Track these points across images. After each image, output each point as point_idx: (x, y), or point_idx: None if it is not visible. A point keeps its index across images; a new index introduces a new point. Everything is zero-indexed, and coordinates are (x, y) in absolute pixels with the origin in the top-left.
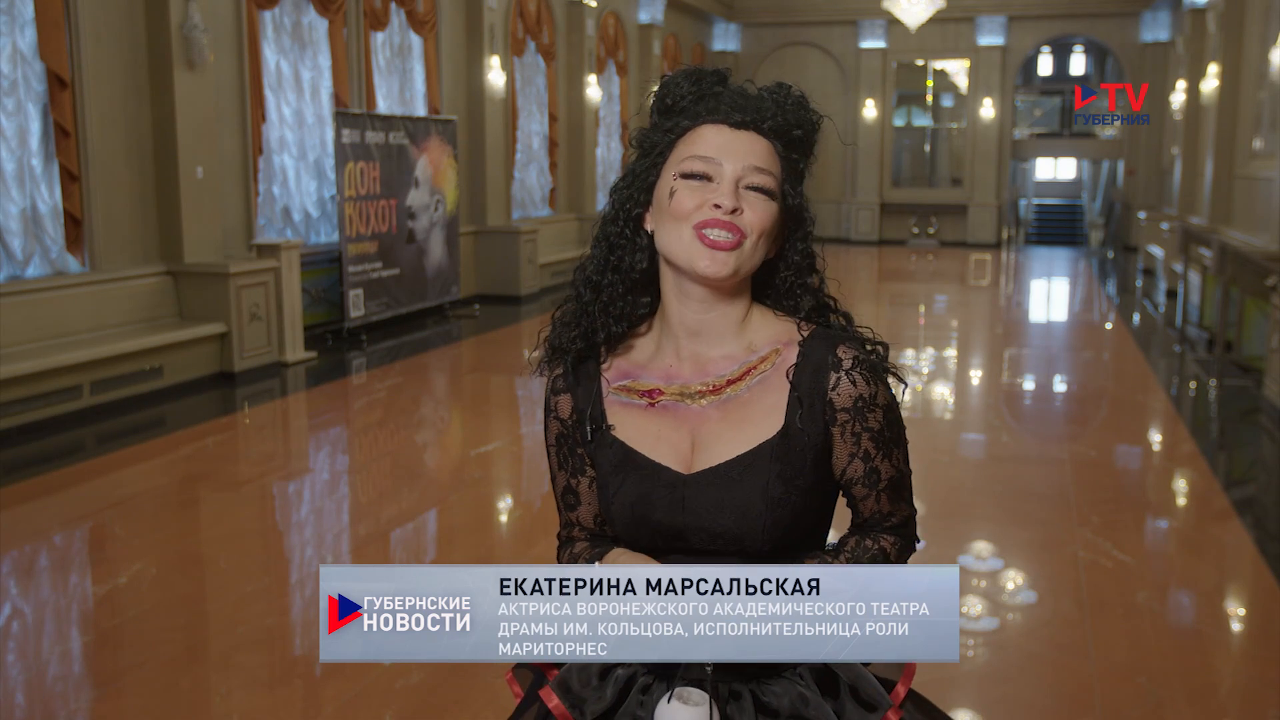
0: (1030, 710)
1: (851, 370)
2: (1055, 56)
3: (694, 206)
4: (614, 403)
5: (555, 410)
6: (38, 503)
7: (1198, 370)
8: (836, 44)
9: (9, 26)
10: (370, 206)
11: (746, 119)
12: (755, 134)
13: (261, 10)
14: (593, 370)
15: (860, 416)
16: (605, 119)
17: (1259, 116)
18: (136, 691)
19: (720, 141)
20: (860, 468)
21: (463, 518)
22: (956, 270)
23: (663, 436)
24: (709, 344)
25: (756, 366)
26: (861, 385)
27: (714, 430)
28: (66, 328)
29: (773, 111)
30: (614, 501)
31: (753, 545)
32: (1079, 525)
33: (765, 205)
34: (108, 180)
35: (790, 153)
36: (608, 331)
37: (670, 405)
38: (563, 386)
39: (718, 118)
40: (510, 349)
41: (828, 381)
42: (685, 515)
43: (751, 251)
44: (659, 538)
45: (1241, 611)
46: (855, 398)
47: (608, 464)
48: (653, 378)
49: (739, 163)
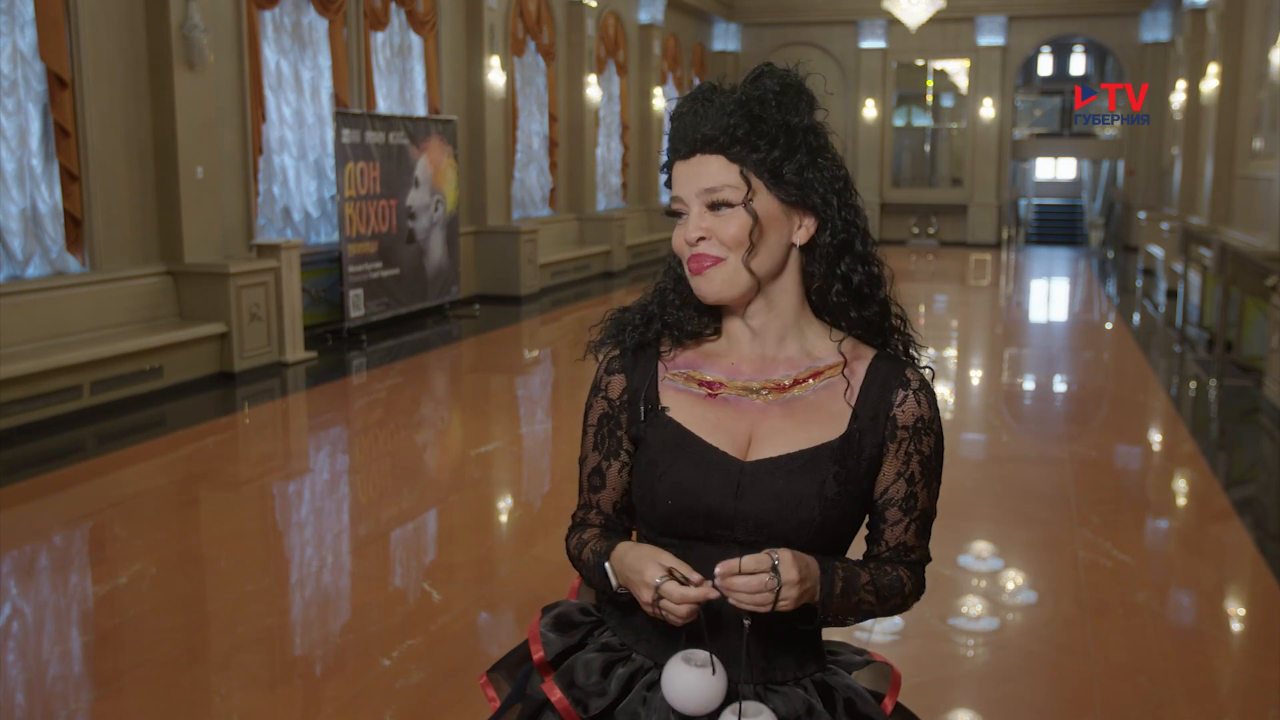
0: (1030, 710)
1: (919, 391)
2: (1055, 56)
3: (679, 243)
4: (670, 388)
5: (605, 390)
6: (38, 503)
7: (1198, 370)
8: (836, 44)
9: (9, 26)
10: (370, 206)
11: (690, 146)
12: (701, 156)
13: (261, 10)
14: (651, 355)
15: (917, 438)
16: (605, 119)
17: (1259, 116)
18: (136, 691)
19: (678, 177)
20: (903, 489)
21: (463, 518)
22: (956, 270)
23: (721, 425)
24: (771, 345)
25: (823, 372)
26: (925, 407)
27: (775, 425)
28: (66, 328)
29: (720, 124)
30: (661, 480)
31: (797, 541)
32: (1079, 525)
33: (733, 215)
34: (108, 180)
35: (749, 153)
36: (671, 337)
37: (731, 399)
38: (618, 368)
39: (675, 154)
40: (510, 349)
41: (894, 397)
42: (739, 502)
43: (738, 266)
44: (705, 522)
45: (1241, 611)
46: (917, 418)
47: (659, 443)
48: (715, 371)
49: (692, 193)
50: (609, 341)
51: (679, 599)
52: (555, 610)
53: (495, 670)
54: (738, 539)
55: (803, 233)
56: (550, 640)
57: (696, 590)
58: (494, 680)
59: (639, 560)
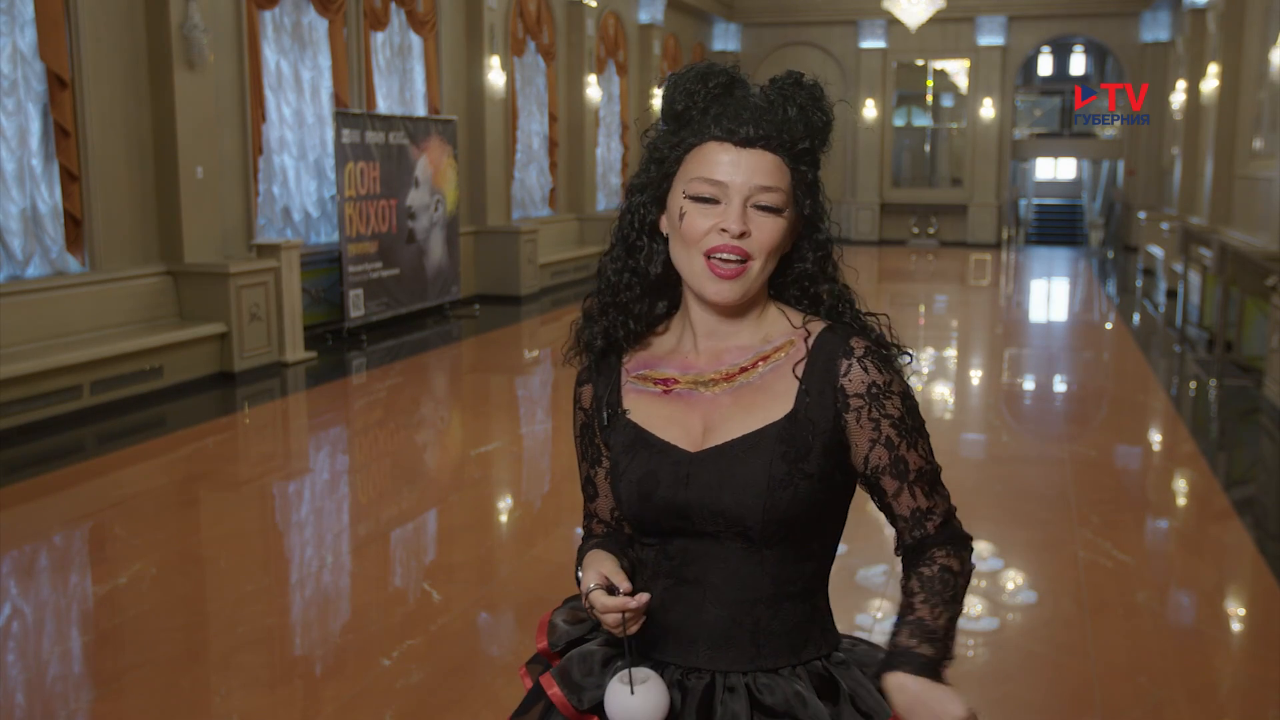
0: (1030, 710)
1: (864, 358)
2: (1055, 56)
3: (703, 231)
4: (631, 390)
5: (579, 400)
6: (38, 503)
7: (1198, 370)
8: (836, 44)
9: (9, 26)
10: (370, 206)
11: (752, 135)
12: (761, 150)
13: (261, 10)
14: (614, 361)
15: (877, 403)
16: (605, 119)
17: (1259, 116)
18: (136, 691)
19: (726, 161)
20: (884, 455)
21: (463, 518)
22: (956, 270)
23: (674, 419)
24: (725, 338)
25: (770, 356)
26: (874, 373)
27: (724, 413)
28: (66, 328)
29: (780, 123)
30: (622, 479)
31: (755, 528)
32: (1079, 525)
33: (773, 223)
34: (108, 180)
35: (799, 163)
36: (626, 329)
37: (684, 393)
38: (586, 378)
39: (722, 134)
40: (510, 349)
41: (839, 368)
42: (688, 491)
43: (760, 272)
44: (664, 515)
45: (1241, 611)
46: (869, 384)
47: (620, 445)
48: (669, 368)
49: (745, 184)
50: (578, 352)
51: (601, 608)
52: (572, 602)
53: (535, 661)
54: (699, 530)
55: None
56: (558, 629)
57: (616, 599)
58: (532, 670)
59: (585, 570)
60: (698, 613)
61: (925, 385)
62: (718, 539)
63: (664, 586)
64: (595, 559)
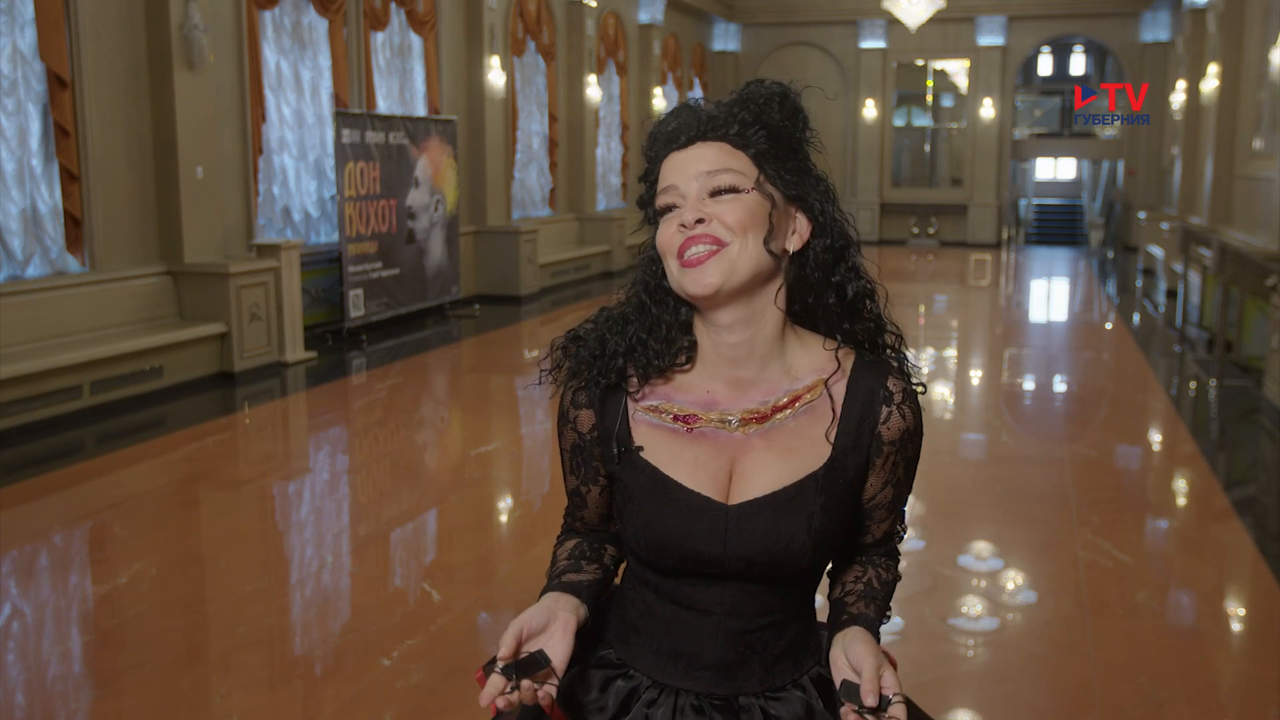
0: (1030, 710)
1: (902, 404)
2: (1055, 56)
3: (669, 236)
4: (642, 423)
5: (574, 422)
6: (38, 503)
7: (1198, 370)
8: (836, 44)
9: (9, 26)
10: (370, 206)
11: (690, 135)
12: (702, 143)
13: (261, 10)
14: (619, 393)
15: (903, 449)
16: (605, 119)
17: (1259, 116)
18: (136, 691)
19: (673, 166)
20: (890, 494)
21: (463, 518)
22: (956, 270)
23: (700, 464)
24: (747, 368)
25: (802, 396)
26: (910, 418)
27: (757, 459)
28: (66, 328)
29: (725, 117)
30: (647, 529)
31: (789, 572)
32: (1079, 525)
33: (737, 201)
34: (108, 180)
35: (751, 146)
36: (640, 370)
37: (709, 432)
38: (584, 402)
39: (669, 148)
40: (510, 349)
41: (879, 415)
42: (727, 547)
43: (740, 252)
44: (693, 564)
45: (1241, 611)
46: (903, 431)
47: (637, 487)
48: (689, 403)
49: (692, 176)
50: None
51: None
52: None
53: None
54: (729, 574)
55: (796, 238)
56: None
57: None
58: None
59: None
60: (707, 639)
61: (926, 385)
62: (740, 580)
63: (671, 614)
64: (555, 604)
